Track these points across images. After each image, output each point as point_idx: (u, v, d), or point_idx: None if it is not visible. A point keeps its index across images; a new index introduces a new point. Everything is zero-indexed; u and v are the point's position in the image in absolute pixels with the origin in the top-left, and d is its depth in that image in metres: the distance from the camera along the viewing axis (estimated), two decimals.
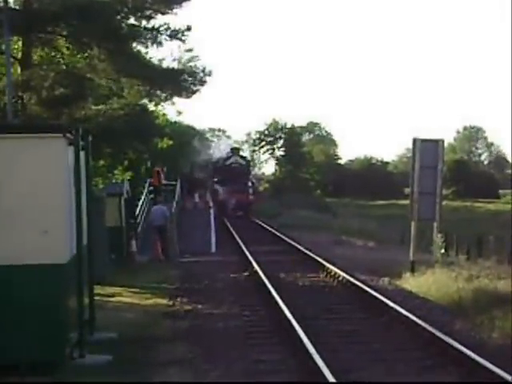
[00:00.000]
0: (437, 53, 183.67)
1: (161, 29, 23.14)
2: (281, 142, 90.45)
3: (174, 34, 23.34)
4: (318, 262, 21.67)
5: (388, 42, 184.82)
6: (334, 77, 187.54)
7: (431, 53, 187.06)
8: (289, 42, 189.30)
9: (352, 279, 17.55)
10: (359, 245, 29.97)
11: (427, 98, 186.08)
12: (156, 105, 36.54)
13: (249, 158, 70.79)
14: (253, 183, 53.09)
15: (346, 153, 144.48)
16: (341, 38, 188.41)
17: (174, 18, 50.86)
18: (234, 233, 34.15)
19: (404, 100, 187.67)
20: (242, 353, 10.80)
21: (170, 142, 41.65)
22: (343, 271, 18.80)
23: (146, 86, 24.47)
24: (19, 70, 21.76)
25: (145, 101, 28.38)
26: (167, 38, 23.31)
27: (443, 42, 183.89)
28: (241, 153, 59.89)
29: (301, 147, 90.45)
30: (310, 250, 24.78)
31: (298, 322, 11.92)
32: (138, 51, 25.82)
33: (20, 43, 22.51)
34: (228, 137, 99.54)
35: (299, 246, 26.87)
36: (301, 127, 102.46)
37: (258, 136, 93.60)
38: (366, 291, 15.75)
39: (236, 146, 72.22)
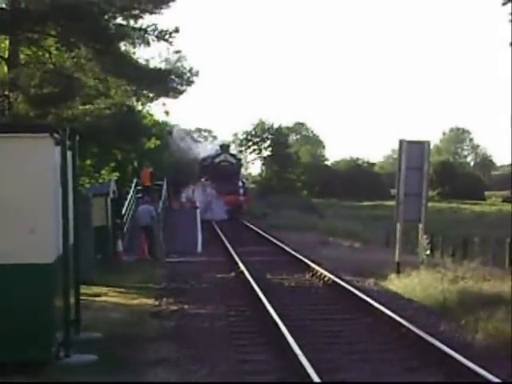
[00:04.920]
0: (423, 55, 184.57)
1: (148, 29, 23.16)
2: (267, 142, 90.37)
3: (162, 36, 23.35)
4: (305, 262, 21.72)
5: (375, 44, 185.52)
6: (321, 78, 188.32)
7: (417, 55, 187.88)
8: (275, 43, 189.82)
9: (338, 280, 17.60)
10: (345, 246, 30.04)
11: (413, 100, 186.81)
12: (143, 105, 36.55)
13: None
14: (243, 183, 50.44)
15: (333, 154, 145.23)
16: (327, 38, 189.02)
17: (162, 19, 50.99)
18: (220, 233, 34.17)
19: (390, 101, 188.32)
20: (228, 353, 10.82)
21: (158, 142, 41.52)
22: (329, 272, 18.86)
23: (132, 86, 24.49)
24: (6, 69, 21.71)
25: (132, 101, 28.40)
26: (155, 39, 23.33)
27: (429, 44, 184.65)
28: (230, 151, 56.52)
29: (287, 148, 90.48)
30: (297, 251, 24.82)
31: (284, 323, 11.96)
32: (126, 51, 25.81)
33: (7, 42, 22.45)
34: (214, 137, 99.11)
35: (286, 247, 26.92)
36: (287, 128, 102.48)
37: (244, 136, 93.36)
38: (352, 292, 15.80)
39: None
